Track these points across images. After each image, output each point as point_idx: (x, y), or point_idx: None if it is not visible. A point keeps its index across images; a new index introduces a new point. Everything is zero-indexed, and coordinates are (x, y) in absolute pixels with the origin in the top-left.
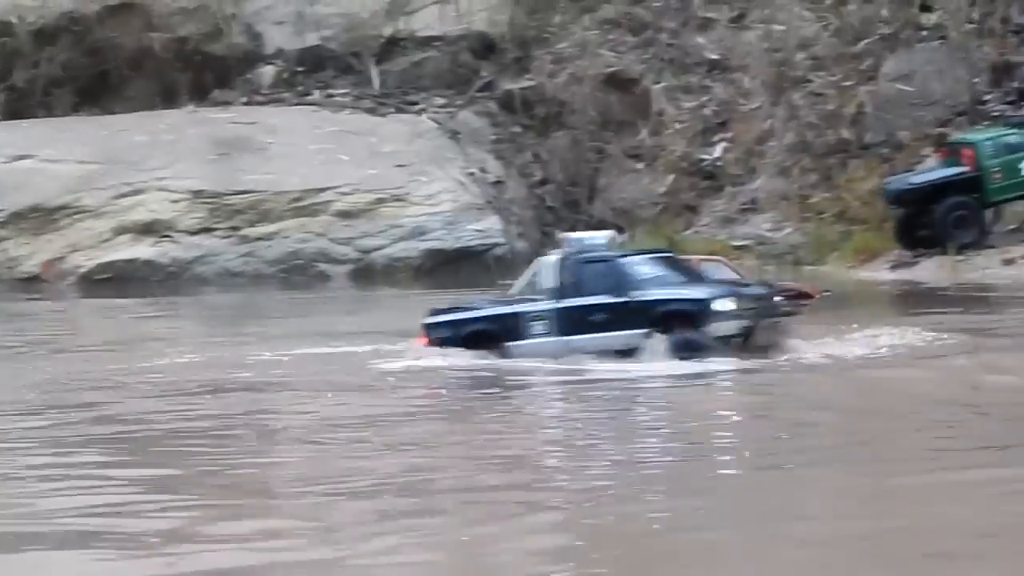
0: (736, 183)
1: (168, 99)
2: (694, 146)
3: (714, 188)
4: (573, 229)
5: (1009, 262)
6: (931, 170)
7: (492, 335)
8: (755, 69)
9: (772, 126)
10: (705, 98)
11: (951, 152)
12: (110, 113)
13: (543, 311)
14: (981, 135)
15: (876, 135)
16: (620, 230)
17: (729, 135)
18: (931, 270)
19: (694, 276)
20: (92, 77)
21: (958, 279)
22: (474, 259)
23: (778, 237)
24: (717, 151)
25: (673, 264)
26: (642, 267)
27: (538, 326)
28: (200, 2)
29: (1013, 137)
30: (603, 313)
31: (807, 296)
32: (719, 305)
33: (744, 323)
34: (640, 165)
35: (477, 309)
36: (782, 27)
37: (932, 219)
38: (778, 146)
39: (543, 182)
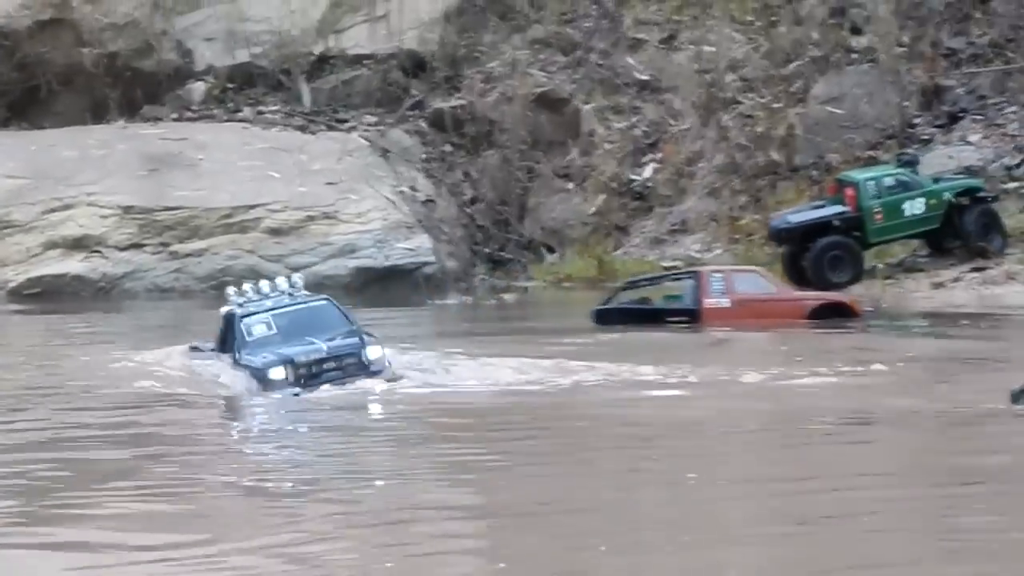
0: (666, 204)
1: (98, 114)
2: (624, 166)
3: (644, 208)
4: (502, 249)
5: (938, 286)
6: (812, 208)
7: None
8: (685, 90)
9: (702, 147)
10: (635, 119)
11: (838, 189)
12: (40, 128)
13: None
14: (864, 174)
15: (806, 157)
16: (551, 250)
17: (659, 156)
18: (857, 292)
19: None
20: (22, 92)
21: (884, 301)
22: (404, 277)
23: (708, 258)
24: (647, 172)
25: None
26: (256, 327)
27: None
28: (131, 18)
29: (898, 177)
30: None
31: (851, 311)
32: (273, 374)
33: (296, 389)
34: (570, 185)
35: None
36: (712, 48)
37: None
38: (708, 167)
39: (473, 201)
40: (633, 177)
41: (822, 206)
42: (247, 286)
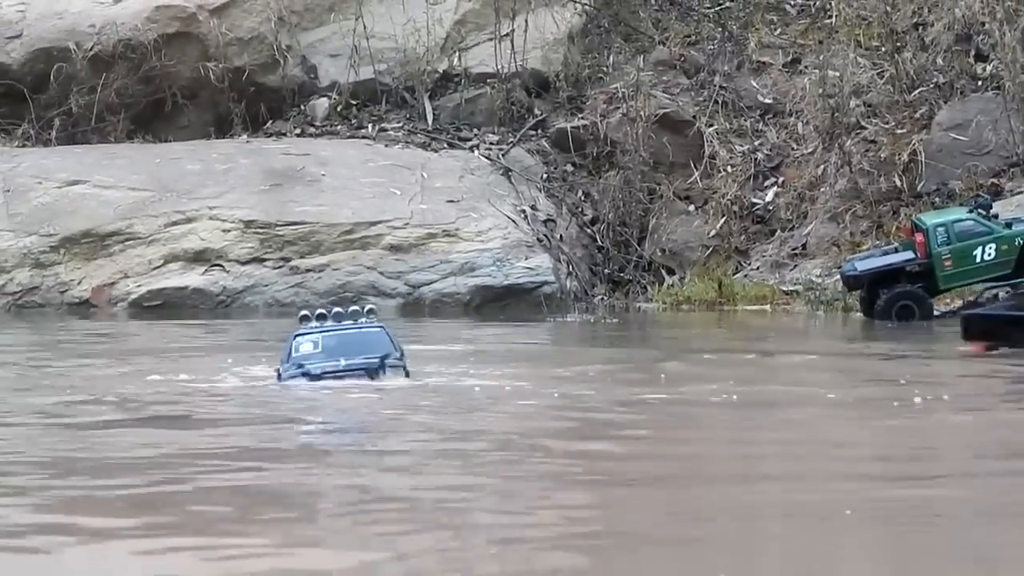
0: (787, 228)
1: (222, 129)
2: (745, 189)
3: (765, 232)
4: (622, 270)
5: None
6: (882, 254)
7: None
8: (808, 114)
9: (824, 171)
10: (757, 142)
11: (913, 230)
12: (164, 141)
13: None
14: (934, 219)
15: (928, 183)
16: (671, 272)
17: (781, 180)
18: None
19: None
20: (147, 105)
21: None
22: (523, 296)
23: (828, 283)
24: (769, 195)
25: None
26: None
27: None
28: (256, 33)
29: (968, 222)
30: None
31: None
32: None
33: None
34: (691, 207)
35: None
36: (836, 73)
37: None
38: (830, 192)
39: (594, 221)
40: (754, 200)
41: (893, 251)
42: (321, 311)
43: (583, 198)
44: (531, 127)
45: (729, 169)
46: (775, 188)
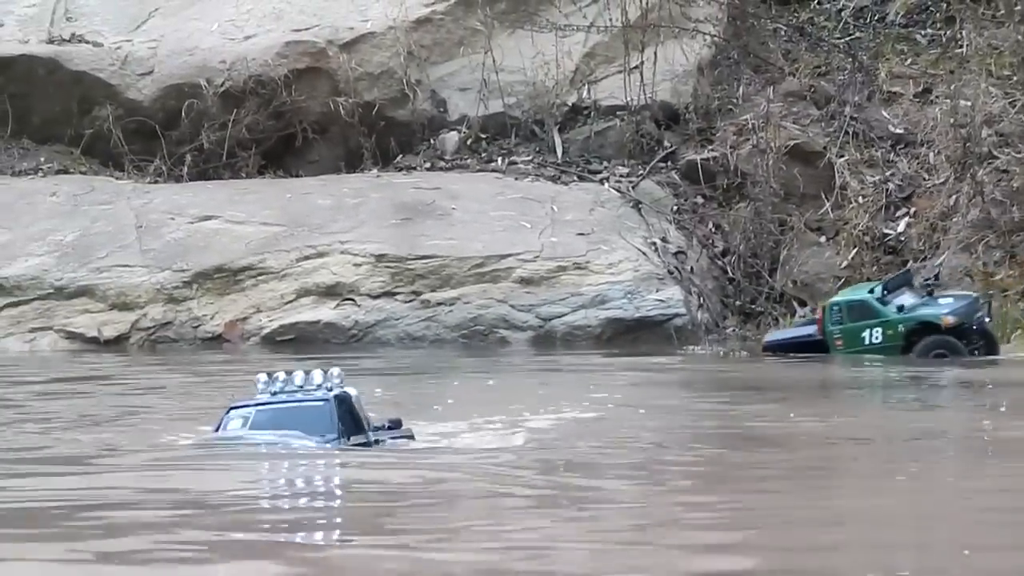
0: (919, 258)
1: (352, 163)
2: (877, 220)
3: (897, 263)
4: (753, 302)
5: None
6: (797, 326)
7: None
8: (940, 144)
9: (956, 202)
10: (889, 172)
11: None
12: (294, 176)
13: None
14: (836, 297)
15: None
16: (802, 303)
17: (912, 210)
18: None
19: None
20: (277, 140)
21: None
22: (654, 329)
23: None
24: (900, 226)
25: None
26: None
27: None
28: (386, 67)
29: (861, 303)
30: None
31: None
32: None
33: None
34: (823, 238)
35: None
36: (968, 103)
37: None
38: (962, 222)
39: (724, 253)
40: (886, 231)
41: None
42: (281, 375)
43: (713, 230)
44: (661, 159)
45: (860, 200)
46: (907, 218)
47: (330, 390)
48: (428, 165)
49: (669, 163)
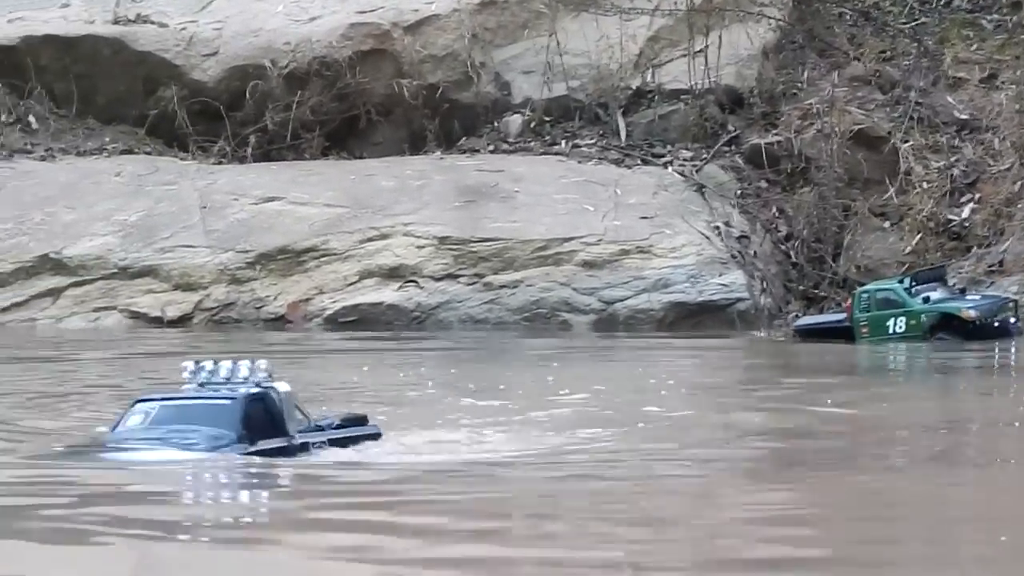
0: (983, 244)
1: (416, 145)
2: (941, 206)
3: (961, 249)
4: (816, 287)
5: None
6: (829, 311)
7: None
8: (1005, 130)
9: (1021, 188)
10: (954, 158)
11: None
12: (358, 158)
13: None
14: (867, 286)
15: None
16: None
17: (977, 196)
18: None
19: None
20: (341, 122)
21: None
22: (717, 313)
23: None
24: (965, 212)
25: None
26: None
27: None
28: (450, 50)
29: (888, 293)
30: None
31: None
32: None
33: None
34: (887, 224)
35: None
36: None
37: None
38: None
39: (788, 238)
40: (951, 217)
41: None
42: (208, 363)
43: (777, 214)
44: (725, 143)
45: (925, 185)
46: (971, 204)
47: (258, 385)
48: (491, 148)
49: (733, 147)
